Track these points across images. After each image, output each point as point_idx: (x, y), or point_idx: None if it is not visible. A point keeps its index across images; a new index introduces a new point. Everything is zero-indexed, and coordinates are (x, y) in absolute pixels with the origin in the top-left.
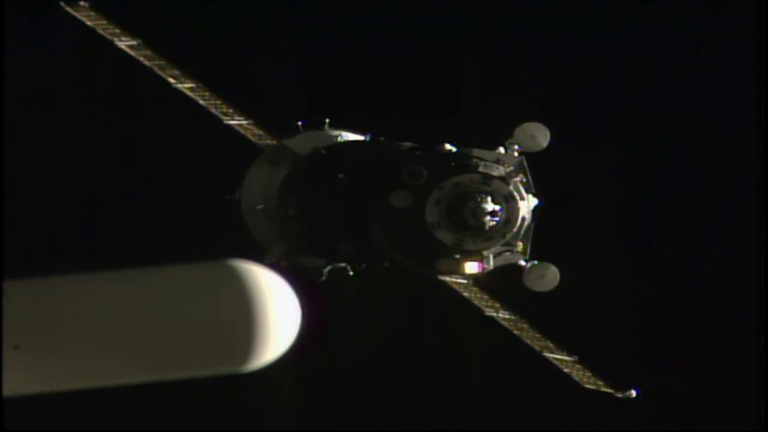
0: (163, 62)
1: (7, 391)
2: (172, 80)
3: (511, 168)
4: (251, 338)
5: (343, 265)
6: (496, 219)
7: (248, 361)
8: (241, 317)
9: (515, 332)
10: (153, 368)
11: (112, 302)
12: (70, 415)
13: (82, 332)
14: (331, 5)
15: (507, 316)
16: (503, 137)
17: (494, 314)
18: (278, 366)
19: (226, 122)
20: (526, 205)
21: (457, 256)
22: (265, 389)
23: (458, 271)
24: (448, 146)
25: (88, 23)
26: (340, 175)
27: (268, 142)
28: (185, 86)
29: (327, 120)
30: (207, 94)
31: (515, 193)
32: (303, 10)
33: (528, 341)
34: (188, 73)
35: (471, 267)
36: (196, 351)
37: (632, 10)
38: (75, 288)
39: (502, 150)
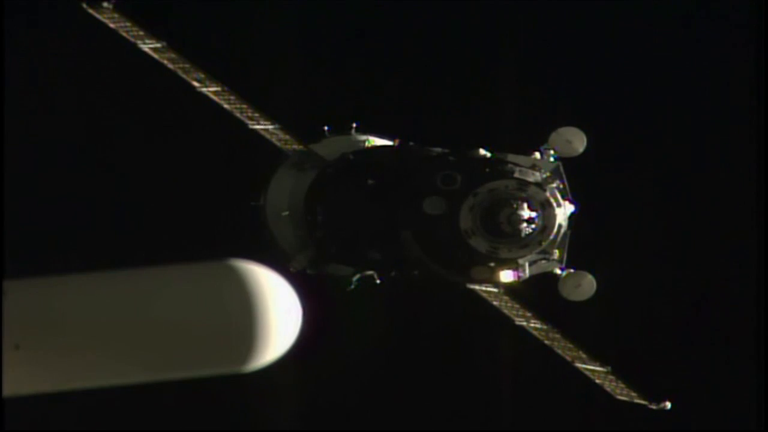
0: (187, 65)
1: (8, 391)
2: (196, 84)
3: (548, 174)
4: (252, 338)
5: (371, 273)
6: (533, 226)
7: (249, 361)
8: (242, 317)
9: (546, 342)
10: (153, 368)
11: (113, 302)
12: (70, 415)
13: (82, 332)
14: (360, 8)
15: (538, 326)
16: (539, 142)
17: (525, 324)
18: (279, 366)
19: (251, 127)
20: (563, 211)
21: (492, 264)
22: (265, 389)
23: (493, 280)
24: (482, 151)
25: (111, 26)
26: (370, 181)
27: (294, 147)
28: (210, 90)
29: (354, 125)
30: (232, 98)
31: (552, 200)
32: (330, 13)
33: (559, 351)
34: (213, 77)
35: (506, 275)
36: (196, 351)
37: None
38: (75, 288)
39: (537, 155)
